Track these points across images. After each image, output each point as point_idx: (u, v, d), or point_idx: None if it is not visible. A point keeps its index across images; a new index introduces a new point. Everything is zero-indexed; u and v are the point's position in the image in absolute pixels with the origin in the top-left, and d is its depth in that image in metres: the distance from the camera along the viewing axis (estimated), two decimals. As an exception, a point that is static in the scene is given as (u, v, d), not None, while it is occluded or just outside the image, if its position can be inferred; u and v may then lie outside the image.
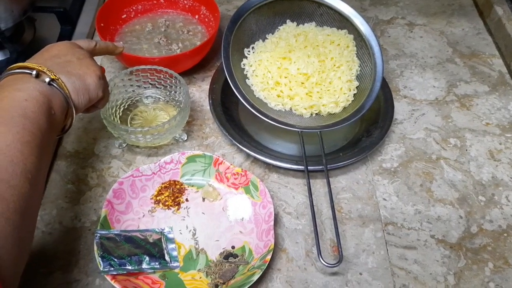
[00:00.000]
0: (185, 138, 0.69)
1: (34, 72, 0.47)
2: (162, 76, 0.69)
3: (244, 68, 0.72)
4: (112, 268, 0.52)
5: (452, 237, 0.60)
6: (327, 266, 0.53)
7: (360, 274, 0.56)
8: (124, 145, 0.68)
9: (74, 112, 0.51)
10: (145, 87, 0.71)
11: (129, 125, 0.68)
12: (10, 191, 0.39)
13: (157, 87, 0.71)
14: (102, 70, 0.57)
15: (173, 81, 0.68)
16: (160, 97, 0.72)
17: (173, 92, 0.70)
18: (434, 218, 0.62)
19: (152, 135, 0.62)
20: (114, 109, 0.68)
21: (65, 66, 0.51)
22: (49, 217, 0.60)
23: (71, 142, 0.69)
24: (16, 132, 0.42)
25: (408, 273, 0.56)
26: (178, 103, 0.70)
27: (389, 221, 0.61)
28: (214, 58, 0.81)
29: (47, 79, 0.48)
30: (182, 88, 0.67)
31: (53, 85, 0.48)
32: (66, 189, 0.63)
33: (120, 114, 0.69)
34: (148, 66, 0.68)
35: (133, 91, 0.71)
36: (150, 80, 0.70)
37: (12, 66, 0.49)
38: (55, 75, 0.49)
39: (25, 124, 0.43)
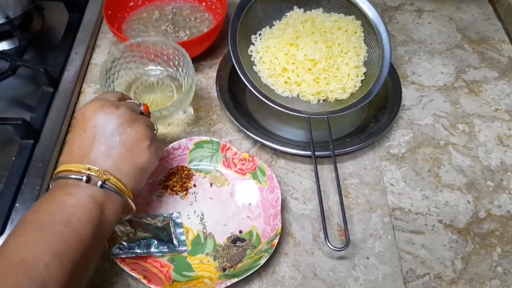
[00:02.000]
0: (192, 112, 0.68)
1: (84, 178, 0.45)
2: (165, 52, 0.68)
3: (251, 55, 0.72)
4: (121, 252, 0.53)
5: (460, 222, 0.60)
6: (334, 249, 0.54)
7: (367, 258, 0.56)
8: None
9: (132, 203, 0.49)
10: (145, 62, 0.71)
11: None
12: None
13: (159, 63, 0.71)
14: (151, 129, 0.51)
15: (177, 53, 0.67)
16: (164, 73, 0.72)
17: (176, 63, 0.69)
18: (442, 203, 0.62)
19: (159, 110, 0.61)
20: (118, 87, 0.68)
21: (110, 153, 0.47)
22: (59, 202, 0.61)
23: (80, 129, 0.69)
24: (50, 242, 0.40)
25: (415, 258, 0.57)
26: (182, 75, 0.69)
27: (397, 206, 0.61)
28: (221, 45, 0.81)
29: (99, 183, 0.45)
30: (185, 63, 0.66)
31: (106, 187, 0.46)
32: (75, 175, 0.64)
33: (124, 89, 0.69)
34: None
35: (136, 68, 0.70)
36: (145, 55, 0.69)
37: (59, 170, 0.47)
38: (104, 174, 0.46)
39: (63, 234, 0.41)
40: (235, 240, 0.57)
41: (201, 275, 0.54)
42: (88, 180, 0.45)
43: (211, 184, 0.62)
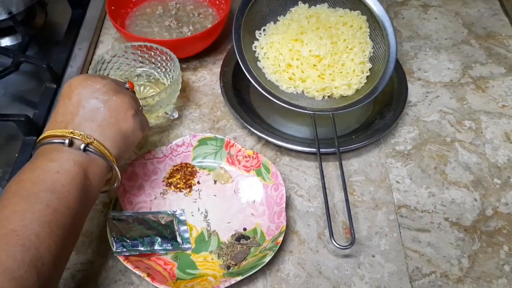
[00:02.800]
0: (176, 116, 0.69)
1: (66, 141, 0.45)
2: (153, 54, 0.68)
3: (255, 51, 0.71)
4: (125, 249, 0.53)
5: (467, 220, 0.59)
6: (339, 248, 0.53)
7: (373, 256, 0.56)
8: None
9: (117, 169, 0.49)
10: (135, 66, 0.71)
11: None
12: (11, 283, 0.36)
13: (148, 65, 0.71)
14: (136, 102, 0.52)
15: (164, 57, 0.68)
16: (152, 75, 0.71)
17: (164, 69, 0.70)
18: (448, 201, 0.61)
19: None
20: None
21: (93, 118, 0.47)
22: (62, 199, 0.61)
23: (83, 125, 0.69)
24: (37, 210, 0.40)
25: (421, 256, 0.56)
26: (169, 81, 0.70)
27: (402, 203, 0.61)
28: (225, 41, 0.80)
29: (82, 146, 0.45)
30: (173, 64, 0.66)
31: (89, 150, 0.46)
32: (78, 172, 0.63)
33: None
34: (139, 43, 0.67)
35: (124, 68, 0.70)
36: (141, 58, 0.70)
37: (42, 136, 0.46)
38: (88, 138, 0.46)
39: (50, 201, 0.41)
40: (239, 237, 0.56)
41: (205, 273, 0.53)
42: (71, 144, 0.45)
43: (215, 181, 0.61)
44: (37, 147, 0.46)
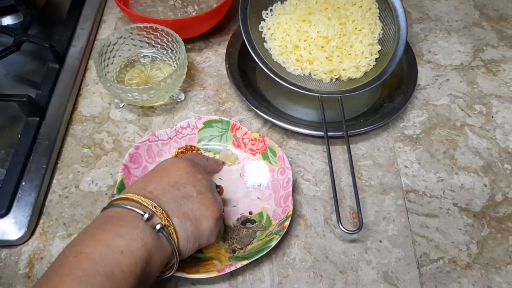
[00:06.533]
0: (183, 98, 0.68)
1: (146, 216, 0.41)
2: (158, 35, 0.67)
3: (262, 32, 0.69)
4: (129, 232, 0.52)
5: (476, 206, 0.58)
6: (346, 232, 0.52)
7: (380, 241, 0.55)
8: (121, 105, 0.67)
9: (177, 263, 0.44)
10: (141, 46, 0.70)
11: (125, 85, 0.67)
12: None
13: (153, 46, 0.70)
14: (221, 208, 0.49)
15: (170, 39, 0.67)
16: (157, 56, 0.70)
17: (170, 51, 0.69)
18: (457, 186, 0.60)
19: (148, 93, 0.61)
20: (111, 69, 0.67)
21: (182, 203, 0.45)
22: (66, 181, 0.60)
23: (86, 106, 0.68)
24: None
25: (429, 241, 0.55)
26: (175, 62, 0.69)
27: (411, 188, 0.60)
28: (231, 21, 0.79)
29: (158, 226, 0.42)
30: (179, 47, 0.65)
31: (162, 233, 0.42)
32: (82, 154, 0.63)
33: (117, 74, 0.68)
34: (144, 24, 0.66)
35: (129, 50, 0.69)
36: (146, 39, 0.68)
37: (123, 196, 0.43)
38: (168, 220, 0.43)
39: None
40: (245, 221, 0.56)
41: (211, 256, 0.53)
42: (149, 219, 0.42)
43: (223, 163, 0.60)
44: (114, 205, 0.43)
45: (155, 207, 0.43)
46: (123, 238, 0.39)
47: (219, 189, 0.53)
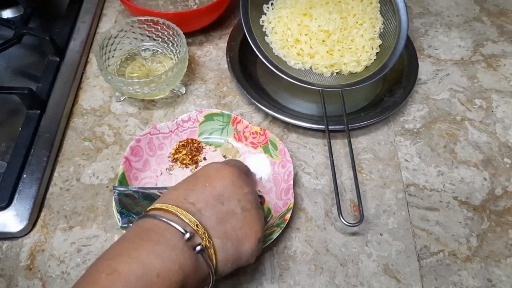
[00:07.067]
0: (184, 92, 0.68)
1: (187, 236, 0.38)
2: (159, 28, 0.67)
3: (263, 25, 0.69)
4: (131, 224, 0.52)
5: (476, 199, 0.58)
6: (347, 225, 0.52)
7: (381, 234, 0.55)
8: (122, 98, 0.67)
9: (213, 283, 0.41)
10: (142, 40, 0.70)
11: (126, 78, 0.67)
12: None
13: (154, 39, 0.69)
14: (263, 226, 0.45)
15: (171, 32, 0.67)
16: (158, 49, 0.70)
17: (171, 44, 0.69)
18: (457, 180, 0.60)
19: (149, 86, 0.61)
20: (112, 62, 0.67)
21: (225, 221, 0.41)
22: (67, 174, 0.60)
23: (87, 99, 0.68)
24: None
25: (429, 234, 0.55)
26: (176, 56, 0.69)
27: (411, 182, 0.60)
28: (232, 15, 0.79)
29: (198, 248, 0.38)
30: (180, 40, 0.65)
31: (202, 255, 0.39)
32: (83, 147, 0.63)
33: (118, 67, 0.68)
34: (145, 17, 0.66)
35: (130, 43, 0.69)
36: (147, 33, 0.68)
37: (161, 206, 0.40)
38: (209, 241, 0.39)
39: None
40: (246, 214, 0.56)
41: (212, 249, 0.53)
42: (189, 238, 0.38)
43: (224, 156, 0.61)
44: (152, 215, 0.40)
45: (197, 225, 0.39)
46: (161, 259, 0.36)
47: (261, 200, 0.50)
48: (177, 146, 0.61)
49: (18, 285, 0.51)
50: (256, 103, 0.64)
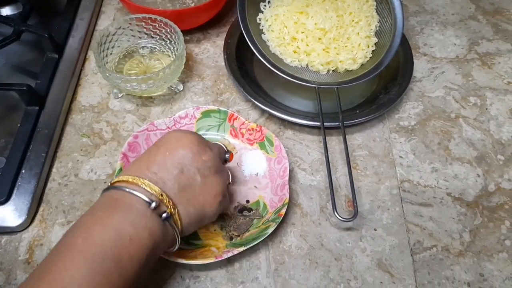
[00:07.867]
0: (181, 88, 0.69)
1: (153, 205, 0.41)
2: (157, 26, 0.68)
3: (259, 23, 0.70)
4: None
5: (469, 195, 0.59)
6: (342, 220, 0.53)
7: (375, 229, 0.56)
8: (120, 95, 0.68)
9: (178, 245, 0.45)
10: (140, 37, 0.70)
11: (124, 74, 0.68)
12: None
13: (152, 37, 0.70)
14: (227, 182, 0.50)
15: (169, 30, 0.67)
16: (156, 47, 0.71)
17: (168, 41, 0.69)
18: (451, 176, 0.61)
19: (147, 83, 0.62)
20: (110, 59, 0.68)
21: (186, 189, 0.44)
22: (65, 170, 0.61)
23: (85, 96, 0.68)
24: (96, 282, 0.36)
25: (423, 230, 0.56)
26: (173, 53, 0.69)
27: (405, 178, 0.61)
28: (229, 13, 0.79)
29: (164, 215, 0.42)
30: (177, 37, 0.66)
31: (169, 222, 0.43)
32: (81, 143, 0.63)
33: (116, 64, 0.69)
34: (143, 15, 0.67)
35: (128, 40, 0.70)
36: (145, 30, 0.69)
37: (126, 178, 0.42)
38: (173, 208, 0.43)
39: (112, 274, 0.37)
40: (242, 209, 0.56)
41: (208, 243, 0.54)
42: (156, 207, 0.41)
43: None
44: (118, 187, 0.42)
45: (161, 194, 0.42)
46: (132, 225, 0.39)
47: (228, 155, 0.52)
48: (175, 142, 0.62)
49: (17, 279, 0.51)
50: (253, 100, 0.65)
